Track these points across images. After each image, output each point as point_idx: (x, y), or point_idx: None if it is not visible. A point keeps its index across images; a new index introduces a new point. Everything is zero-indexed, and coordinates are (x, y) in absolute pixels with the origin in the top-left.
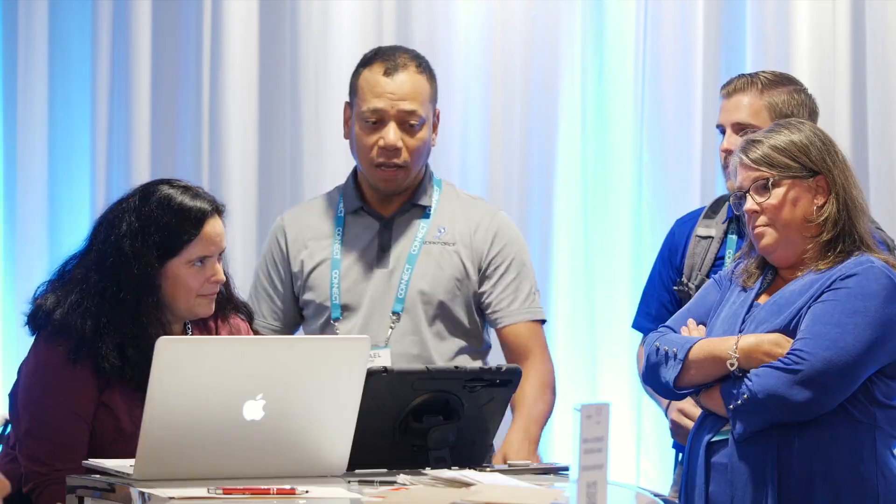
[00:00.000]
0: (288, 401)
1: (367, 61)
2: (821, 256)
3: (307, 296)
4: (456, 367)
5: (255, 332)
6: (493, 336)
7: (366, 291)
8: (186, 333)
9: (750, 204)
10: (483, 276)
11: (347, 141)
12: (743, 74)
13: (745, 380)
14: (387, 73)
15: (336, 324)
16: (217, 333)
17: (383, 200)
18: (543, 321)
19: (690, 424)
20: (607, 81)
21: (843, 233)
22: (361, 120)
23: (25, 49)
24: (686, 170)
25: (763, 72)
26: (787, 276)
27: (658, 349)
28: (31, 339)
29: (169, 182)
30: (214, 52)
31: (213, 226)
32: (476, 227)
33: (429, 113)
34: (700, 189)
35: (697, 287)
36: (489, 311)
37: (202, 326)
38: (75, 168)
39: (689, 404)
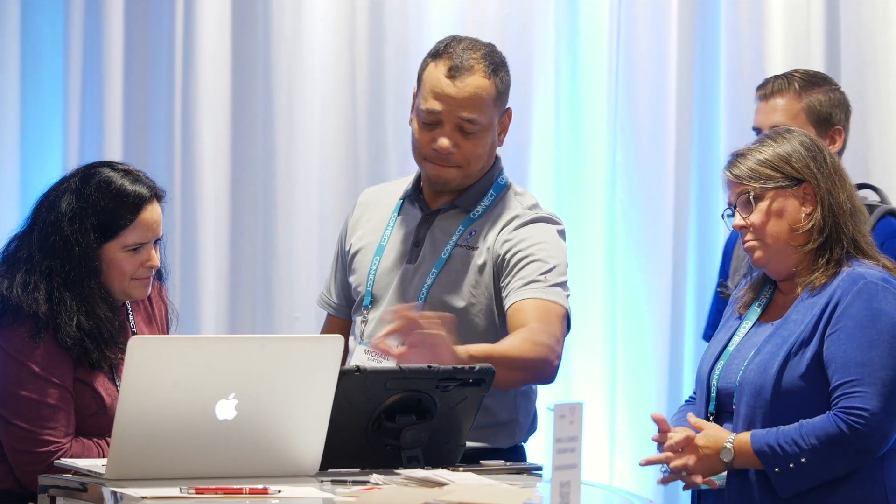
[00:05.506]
0: (260, 400)
1: (436, 54)
2: (812, 265)
3: (350, 278)
4: (429, 367)
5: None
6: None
7: (391, 284)
8: (126, 310)
9: (737, 220)
10: (498, 273)
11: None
12: (777, 76)
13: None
14: (450, 75)
15: (366, 311)
16: (153, 311)
17: (436, 192)
18: (567, 312)
19: None
20: (581, 80)
21: (831, 239)
22: (419, 116)
23: None
24: (660, 169)
25: (796, 71)
26: (786, 290)
27: None
28: None
29: (111, 165)
30: (187, 51)
31: (150, 212)
32: (506, 222)
33: (492, 117)
34: (674, 188)
35: (735, 287)
36: (503, 304)
37: (137, 303)
38: (47, 167)
39: None
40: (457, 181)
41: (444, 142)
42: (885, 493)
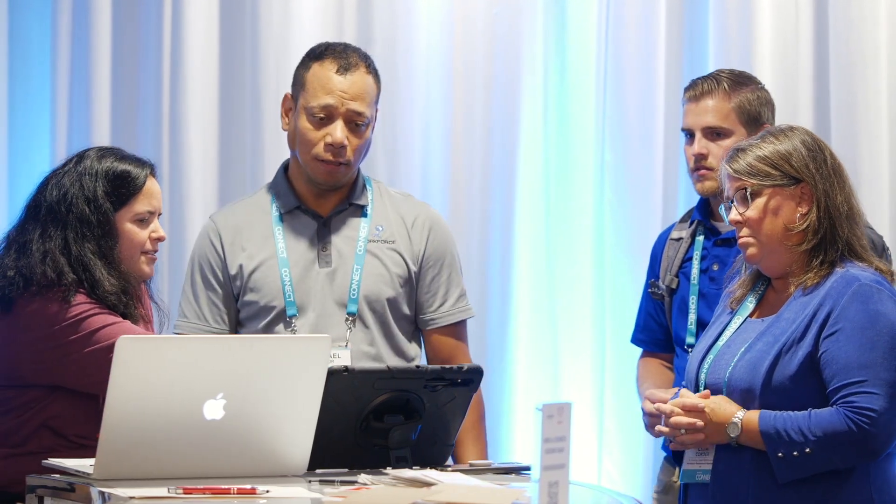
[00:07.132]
0: (248, 400)
1: (318, 55)
2: (806, 266)
3: (248, 297)
4: (417, 367)
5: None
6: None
7: (311, 290)
8: None
9: (733, 215)
10: (419, 274)
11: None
12: (705, 77)
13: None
14: (340, 72)
15: (293, 321)
16: (142, 303)
17: (319, 200)
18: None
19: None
20: (569, 80)
21: (826, 241)
22: (309, 114)
23: None
24: (648, 169)
25: (722, 72)
26: (779, 288)
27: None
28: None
29: (100, 147)
30: (175, 50)
31: (153, 182)
32: (412, 223)
33: (373, 114)
34: (662, 189)
35: (668, 287)
36: (420, 311)
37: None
38: (35, 166)
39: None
40: (344, 179)
41: (339, 134)
42: (871, 491)
